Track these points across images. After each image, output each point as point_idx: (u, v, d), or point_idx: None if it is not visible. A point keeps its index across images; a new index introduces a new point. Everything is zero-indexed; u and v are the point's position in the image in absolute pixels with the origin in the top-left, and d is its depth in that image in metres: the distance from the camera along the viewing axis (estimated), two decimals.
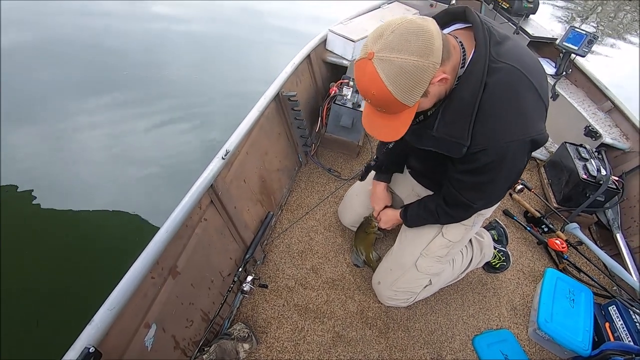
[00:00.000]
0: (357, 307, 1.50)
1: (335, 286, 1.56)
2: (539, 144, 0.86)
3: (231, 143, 1.34)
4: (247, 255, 1.43)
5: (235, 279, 1.36)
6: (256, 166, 1.61)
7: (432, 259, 1.35)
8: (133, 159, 2.54)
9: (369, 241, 1.59)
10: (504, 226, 1.79)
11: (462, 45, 0.81)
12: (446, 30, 0.87)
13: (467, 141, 0.84)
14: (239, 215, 1.42)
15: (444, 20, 0.88)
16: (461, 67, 0.82)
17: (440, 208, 1.16)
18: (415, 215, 1.30)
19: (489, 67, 0.79)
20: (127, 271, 0.92)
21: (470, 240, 1.53)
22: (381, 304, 1.52)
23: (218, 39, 4.14)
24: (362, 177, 1.52)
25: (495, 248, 1.68)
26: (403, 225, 1.44)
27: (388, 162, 1.41)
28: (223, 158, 1.28)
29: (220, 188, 1.28)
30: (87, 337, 0.80)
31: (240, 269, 1.38)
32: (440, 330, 1.51)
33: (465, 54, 0.81)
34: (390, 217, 1.43)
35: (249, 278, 1.40)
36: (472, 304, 1.63)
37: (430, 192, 1.34)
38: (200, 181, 1.18)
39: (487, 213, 1.32)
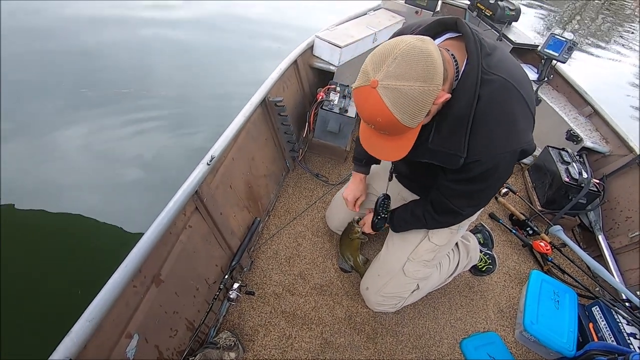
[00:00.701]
0: (345, 313, 1.49)
1: (323, 292, 1.55)
2: (527, 153, 0.89)
3: (216, 149, 1.33)
4: (234, 262, 1.41)
5: (222, 286, 1.34)
6: (243, 172, 1.60)
7: (419, 263, 1.35)
8: (116, 165, 2.50)
9: (355, 246, 1.58)
10: (489, 229, 1.82)
11: (454, 57, 0.82)
12: (438, 40, 0.88)
13: (464, 153, 0.86)
14: (225, 222, 1.40)
15: (436, 30, 0.89)
16: (455, 80, 0.83)
17: (428, 214, 1.17)
18: (402, 220, 1.31)
19: (481, 78, 0.81)
20: (107, 280, 0.89)
21: (457, 244, 1.54)
22: (369, 309, 1.51)
23: (204, 44, 4.11)
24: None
25: (481, 251, 1.70)
26: (390, 230, 1.45)
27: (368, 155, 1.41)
28: (208, 164, 1.26)
29: (205, 194, 1.26)
30: (65, 349, 0.78)
31: (226, 276, 1.36)
32: (428, 334, 1.51)
33: (457, 66, 0.83)
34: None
35: (236, 285, 1.38)
36: (460, 307, 1.64)
37: (417, 197, 1.35)
38: (184, 187, 1.16)
39: (472, 217, 1.34)
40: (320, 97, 2.03)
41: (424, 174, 1.19)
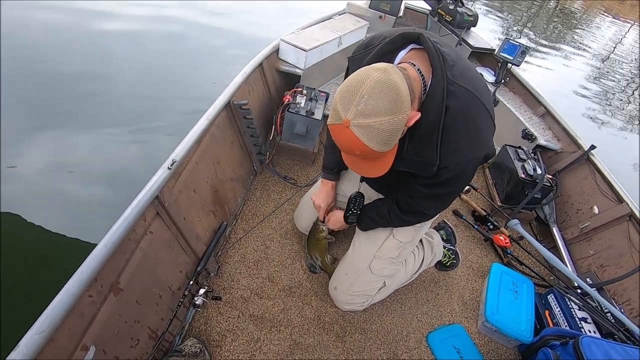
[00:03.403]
0: (314, 313, 1.50)
1: (292, 294, 1.55)
2: (489, 157, 0.96)
3: (178, 153, 1.30)
4: (199, 268, 1.39)
5: (186, 292, 1.31)
6: (207, 176, 1.58)
7: (385, 260, 1.39)
8: (73, 171, 2.38)
9: (322, 247, 1.59)
10: (451, 226, 1.89)
11: (420, 72, 0.87)
12: (402, 53, 0.93)
13: (437, 161, 0.91)
14: (189, 227, 1.38)
15: (400, 44, 0.93)
16: (423, 93, 0.87)
17: (394, 213, 1.21)
18: (368, 218, 1.34)
19: (447, 89, 0.86)
20: (59, 291, 0.86)
21: (421, 242, 1.60)
22: (337, 308, 1.53)
23: (166, 46, 4.01)
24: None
25: (444, 247, 1.76)
26: (356, 230, 1.47)
27: (339, 161, 1.43)
28: (169, 168, 1.24)
29: (167, 199, 1.24)
30: None
31: (191, 282, 1.34)
32: (395, 330, 1.55)
33: (424, 80, 0.87)
34: (339, 218, 1.44)
35: (202, 291, 1.36)
36: (426, 301, 1.69)
37: (382, 196, 1.38)
38: (144, 192, 1.13)
39: (424, 226, 1.42)
40: (287, 100, 2.04)
41: (393, 178, 1.22)
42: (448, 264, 1.79)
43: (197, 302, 1.32)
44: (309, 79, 2.37)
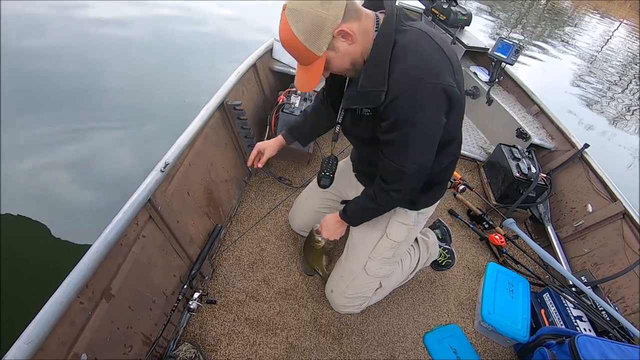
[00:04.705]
0: (310, 316, 1.49)
1: (287, 296, 1.53)
2: (452, 99, 0.91)
3: (171, 155, 1.28)
4: (193, 271, 1.37)
5: (180, 296, 1.29)
6: (201, 178, 1.56)
7: (379, 261, 1.37)
8: (64, 174, 2.35)
9: (318, 254, 1.53)
10: (446, 225, 1.88)
11: (377, 17, 0.94)
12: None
13: (385, 87, 0.91)
14: (183, 230, 1.36)
15: (370, 7, 0.98)
16: (375, 31, 0.93)
17: (378, 187, 1.14)
18: (355, 208, 1.26)
19: (397, 29, 0.91)
20: (48, 298, 0.84)
21: (417, 241, 1.59)
22: (334, 310, 1.52)
23: (159, 47, 3.97)
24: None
25: (440, 246, 1.76)
26: (349, 233, 1.46)
27: (299, 128, 1.45)
28: (162, 170, 1.22)
29: (159, 202, 1.22)
30: None
31: (185, 286, 1.32)
32: (392, 331, 1.54)
33: (378, 22, 0.94)
34: (330, 222, 1.36)
35: (196, 295, 1.34)
36: (422, 302, 1.68)
37: None
38: (135, 196, 1.11)
39: (429, 212, 1.37)
40: (281, 100, 2.03)
41: (373, 156, 1.17)
42: (444, 264, 1.79)
43: (191, 306, 1.30)
44: None
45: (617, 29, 14.89)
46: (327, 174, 1.34)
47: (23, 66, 3.05)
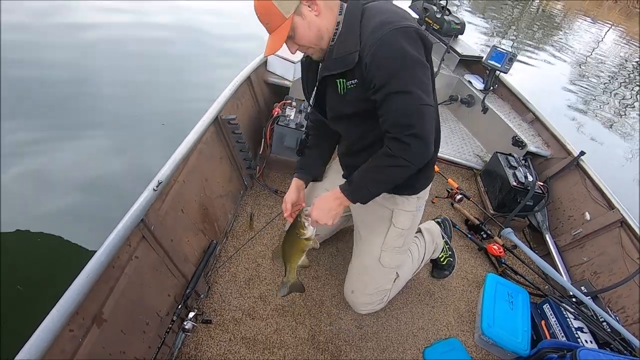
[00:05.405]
0: (308, 333, 1.47)
1: (285, 313, 1.51)
2: (424, 42, 0.96)
3: (164, 173, 1.27)
4: (188, 290, 1.34)
5: (175, 317, 1.27)
6: (196, 194, 1.54)
7: (392, 251, 1.38)
8: (54, 189, 2.31)
9: (298, 248, 1.20)
10: (447, 217, 1.89)
11: (342, 5, 1.01)
12: None
13: (358, 46, 0.96)
14: (177, 248, 1.33)
15: None
16: (339, 13, 1.01)
17: (392, 142, 1.00)
18: (363, 173, 1.09)
19: (363, 5, 1.00)
20: (36, 328, 0.81)
21: (421, 232, 1.64)
22: (332, 326, 1.50)
23: (153, 58, 3.97)
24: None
25: (442, 237, 1.74)
26: (355, 232, 1.46)
27: (311, 163, 1.44)
28: (155, 189, 1.20)
29: (153, 222, 1.20)
30: None
31: (180, 306, 1.29)
32: (392, 347, 1.51)
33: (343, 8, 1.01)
34: (326, 200, 1.15)
35: (191, 314, 1.31)
36: (421, 316, 1.66)
37: None
38: (128, 217, 1.09)
39: (425, 196, 1.37)
40: (276, 113, 2.02)
41: (364, 139, 1.16)
42: (445, 262, 1.77)
43: (186, 327, 1.27)
44: (298, 90, 2.34)
45: (606, 33, 15.05)
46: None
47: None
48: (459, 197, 2.26)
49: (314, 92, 1.19)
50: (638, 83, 9.03)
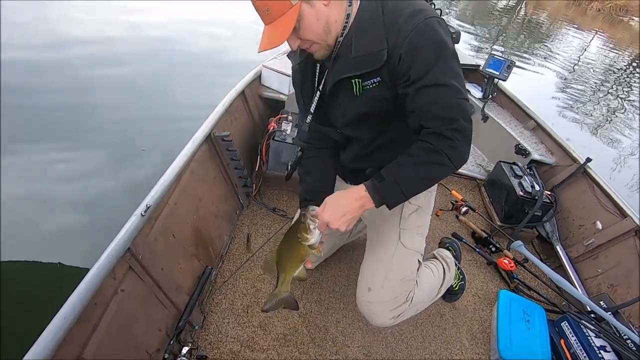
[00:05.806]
0: None
1: (286, 342, 1.40)
2: (445, 26, 0.88)
3: (153, 196, 1.18)
4: (180, 322, 1.24)
5: (167, 355, 1.16)
6: (188, 216, 1.44)
7: (412, 231, 1.23)
8: (46, 209, 2.21)
9: (297, 255, 0.96)
10: (454, 239, 1.79)
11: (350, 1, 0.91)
12: None
13: (385, 43, 0.86)
14: (168, 277, 1.23)
15: None
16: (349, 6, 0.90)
17: (434, 137, 0.89)
18: (396, 175, 0.90)
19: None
20: None
21: (435, 257, 1.53)
22: (338, 355, 1.39)
23: (148, 77, 3.91)
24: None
25: (455, 264, 1.64)
26: (367, 220, 1.34)
27: (314, 189, 1.22)
28: (142, 215, 1.11)
29: (140, 250, 1.10)
30: None
31: (172, 342, 1.19)
32: None
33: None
34: (342, 199, 0.93)
35: (185, 350, 1.21)
36: (433, 339, 1.55)
37: None
38: (112, 246, 0.99)
39: (433, 190, 1.30)
40: (272, 128, 1.94)
41: (374, 137, 1.06)
42: (457, 288, 1.65)
43: None
44: (294, 104, 2.27)
45: (591, 41, 15.29)
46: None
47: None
48: (464, 209, 2.18)
49: (314, 101, 1.06)
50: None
